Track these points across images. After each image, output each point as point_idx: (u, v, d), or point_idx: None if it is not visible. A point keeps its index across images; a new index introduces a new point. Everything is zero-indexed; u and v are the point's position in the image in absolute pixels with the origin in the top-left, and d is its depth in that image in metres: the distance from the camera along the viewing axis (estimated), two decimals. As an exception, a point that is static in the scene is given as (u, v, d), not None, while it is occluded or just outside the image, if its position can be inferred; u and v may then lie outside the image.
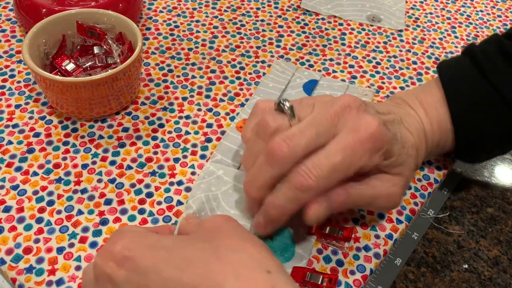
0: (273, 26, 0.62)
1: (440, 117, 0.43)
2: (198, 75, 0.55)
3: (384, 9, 0.66)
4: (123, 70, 0.45)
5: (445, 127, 0.43)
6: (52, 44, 0.50)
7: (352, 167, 0.35)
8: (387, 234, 0.42)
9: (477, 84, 0.43)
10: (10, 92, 0.51)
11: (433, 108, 0.44)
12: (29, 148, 0.46)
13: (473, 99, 0.43)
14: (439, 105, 0.44)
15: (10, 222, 0.41)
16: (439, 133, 0.43)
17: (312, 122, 0.35)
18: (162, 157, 0.46)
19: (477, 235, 0.45)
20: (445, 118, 0.43)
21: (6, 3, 0.62)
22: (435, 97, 0.44)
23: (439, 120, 0.43)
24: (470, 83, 0.43)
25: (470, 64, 0.44)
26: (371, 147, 0.35)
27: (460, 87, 0.44)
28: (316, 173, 0.34)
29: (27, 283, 0.38)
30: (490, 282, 0.41)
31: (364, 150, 0.35)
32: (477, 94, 0.43)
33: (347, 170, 0.35)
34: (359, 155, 0.35)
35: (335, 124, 0.35)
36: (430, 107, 0.44)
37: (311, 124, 0.35)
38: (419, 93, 0.45)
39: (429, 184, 0.47)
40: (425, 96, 0.45)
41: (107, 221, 0.42)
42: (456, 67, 0.45)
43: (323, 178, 0.34)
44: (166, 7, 0.64)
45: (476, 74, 0.43)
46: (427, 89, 0.45)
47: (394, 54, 0.60)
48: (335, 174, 0.35)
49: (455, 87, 0.44)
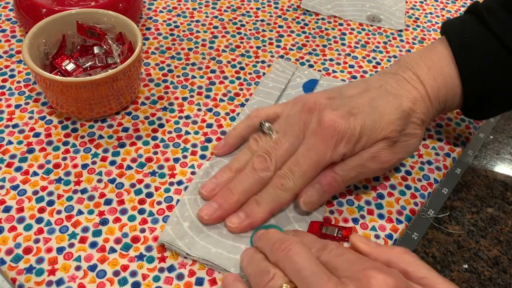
0: (273, 26, 0.62)
1: (445, 73, 0.43)
2: (198, 75, 0.55)
3: (384, 9, 0.66)
4: (123, 70, 0.45)
5: (452, 83, 0.43)
6: (52, 44, 0.50)
7: (321, 162, 0.40)
8: (387, 234, 0.42)
9: (483, 39, 0.43)
10: (10, 92, 0.51)
11: (438, 64, 0.44)
12: (29, 148, 0.46)
13: (480, 54, 0.43)
14: (444, 62, 0.44)
15: (10, 222, 0.41)
16: (445, 88, 0.43)
17: (285, 134, 0.42)
18: (162, 157, 0.46)
19: (477, 235, 0.45)
20: (451, 73, 0.43)
21: (6, 3, 0.62)
22: (440, 54, 0.44)
23: (444, 75, 0.43)
24: (477, 38, 0.43)
25: (475, 21, 0.44)
26: (331, 141, 0.39)
27: (466, 42, 0.43)
28: (292, 175, 0.40)
29: (27, 283, 0.38)
30: (490, 282, 0.41)
31: (326, 146, 0.39)
32: (484, 48, 0.43)
33: (316, 167, 0.40)
34: (323, 151, 0.40)
35: (303, 130, 0.41)
36: (434, 63, 0.44)
37: (285, 135, 0.42)
38: (424, 51, 0.45)
39: (429, 184, 0.47)
40: (430, 54, 0.45)
41: (107, 221, 0.42)
42: (462, 24, 0.45)
43: (299, 178, 0.40)
44: (166, 7, 0.64)
45: (482, 30, 0.43)
46: (432, 48, 0.45)
47: (394, 54, 0.60)
48: (307, 174, 0.40)
49: (461, 42, 0.44)
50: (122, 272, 0.39)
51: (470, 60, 0.43)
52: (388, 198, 0.45)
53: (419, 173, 0.47)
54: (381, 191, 0.46)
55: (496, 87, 0.43)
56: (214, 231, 0.40)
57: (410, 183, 0.47)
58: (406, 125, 0.42)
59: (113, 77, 0.45)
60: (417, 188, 0.46)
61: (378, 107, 0.41)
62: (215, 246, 0.39)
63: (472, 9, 0.45)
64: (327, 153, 0.39)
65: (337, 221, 0.43)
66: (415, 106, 0.42)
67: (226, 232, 0.40)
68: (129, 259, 0.39)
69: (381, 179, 0.47)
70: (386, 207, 0.44)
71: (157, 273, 0.39)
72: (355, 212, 0.44)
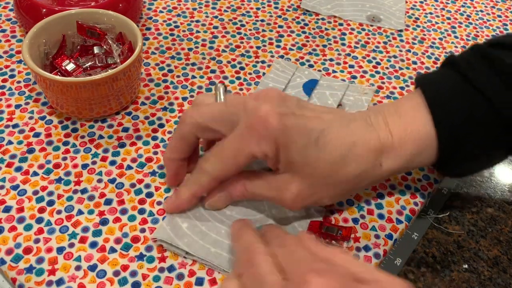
0: (273, 26, 0.62)
1: (418, 121, 0.39)
2: (198, 75, 0.55)
3: (384, 9, 0.66)
4: (123, 70, 0.45)
5: (425, 132, 0.39)
6: (52, 44, 0.50)
7: (242, 153, 0.37)
8: (387, 234, 0.42)
9: (459, 87, 0.39)
10: (10, 92, 0.51)
11: (411, 113, 0.40)
12: (29, 148, 0.46)
13: (456, 101, 0.39)
14: (417, 109, 0.40)
15: (10, 222, 0.41)
16: (417, 137, 0.39)
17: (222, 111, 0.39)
18: (162, 157, 0.46)
19: (477, 235, 0.45)
20: (425, 121, 0.39)
21: (6, 3, 0.62)
22: (413, 101, 0.40)
23: (417, 124, 0.39)
24: (452, 86, 0.40)
25: (450, 71, 0.41)
26: (256, 132, 0.36)
27: (441, 89, 0.40)
28: (212, 159, 0.39)
29: (27, 283, 0.38)
30: (490, 282, 0.41)
31: (250, 135, 0.36)
32: (459, 96, 0.39)
33: (236, 155, 0.37)
34: (247, 141, 0.37)
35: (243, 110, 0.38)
36: (406, 112, 0.40)
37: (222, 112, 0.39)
38: (397, 101, 0.42)
39: (429, 184, 0.47)
40: (403, 102, 0.41)
41: (107, 221, 0.42)
42: (435, 74, 0.42)
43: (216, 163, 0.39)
44: (166, 7, 0.64)
45: (459, 79, 0.40)
46: (406, 96, 0.42)
47: (394, 54, 0.60)
48: (225, 161, 0.38)
49: (435, 88, 0.40)
50: (122, 272, 0.39)
51: (445, 108, 0.39)
52: (388, 198, 0.45)
53: (419, 173, 0.47)
54: (381, 191, 0.46)
55: (473, 138, 0.39)
56: (213, 231, 0.40)
57: (410, 183, 0.47)
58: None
59: (113, 77, 0.45)
60: (417, 188, 0.46)
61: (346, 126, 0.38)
62: (215, 246, 0.39)
63: (447, 61, 0.42)
64: (250, 144, 0.37)
65: (337, 221, 0.43)
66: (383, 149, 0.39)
67: (225, 232, 0.40)
68: (129, 259, 0.39)
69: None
70: (386, 207, 0.44)
71: (157, 273, 0.39)
72: (355, 212, 0.44)
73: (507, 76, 0.38)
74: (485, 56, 0.39)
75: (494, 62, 0.39)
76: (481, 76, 0.39)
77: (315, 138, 0.37)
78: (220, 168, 0.39)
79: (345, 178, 0.38)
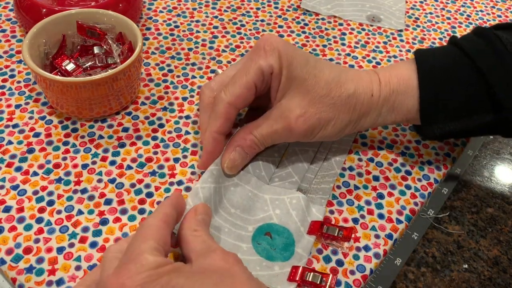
0: (273, 26, 0.62)
1: (402, 67, 0.44)
2: (198, 75, 0.55)
3: (384, 9, 0.66)
4: (123, 70, 0.45)
5: (408, 73, 0.43)
6: (52, 44, 0.50)
7: (250, 68, 0.40)
8: (387, 234, 0.42)
9: (448, 49, 0.44)
10: (10, 92, 0.51)
11: (398, 65, 0.45)
12: (29, 148, 0.46)
13: (440, 58, 0.43)
14: (405, 63, 0.45)
15: (10, 222, 0.41)
16: (400, 76, 0.43)
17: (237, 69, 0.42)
18: (162, 157, 0.46)
19: (477, 235, 0.45)
20: (408, 66, 0.44)
21: (6, 3, 0.62)
22: (404, 62, 0.45)
23: (401, 69, 0.44)
24: (441, 48, 0.45)
25: (447, 44, 0.46)
26: (262, 50, 0.40)
27: (431, 51, 0.45)
28: (225, 88, 0.41)
29: (27, 283, 0.38)
30: (490, 282, 0.41)
31: (257, 54, 0.41)
32: (446, 56, 0.43)
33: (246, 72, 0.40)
34: (255, 58, 0.41)
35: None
36: (394, 65, 0.45)
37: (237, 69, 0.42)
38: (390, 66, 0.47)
39: (429, 184, 0.47)
40: (394, 62, 0.46)
41: (107, 221, 0.42)
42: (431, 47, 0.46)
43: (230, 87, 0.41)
44: (166, 7, 0.64)
45: (449, 46, 0.45)
46: (399, 62, 0.47)
47: (394, 54, 0.60)
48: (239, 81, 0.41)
49: (426, 52, 0.44)
50: (122, 272, 0.38)
51: (429, 64, 0.43)
52: (388, 198, 0.45)
53: (419, 173, 0.47)
54: (381, 191, 0.46)
55: (453, 95, 0.42)
56: (215, 229, 0.40)
57: (410, 183, 0.47)
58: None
59: (113, 77, 0.45)
60: (417, 188, 0.46)
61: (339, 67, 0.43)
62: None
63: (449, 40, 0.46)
64: (258, 60, 0.40)
65: (337, 221, 0.43)
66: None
67: (228, 230, 0.40)
68: (129, 259, 0.39)
69: (381, 179, 0.47)
70: (386, 207, 0.44)
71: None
72: (355, 212, 0.44)
73: (493, 44, 0.42)
74: (481, 32, 0.44)
75: (483, 33, 0.43)
76: (470, 43, 0.43)
77: (313, 63, 0.42)
78: (232, 91, 0.41)
79: (340, 99, 0.42)
